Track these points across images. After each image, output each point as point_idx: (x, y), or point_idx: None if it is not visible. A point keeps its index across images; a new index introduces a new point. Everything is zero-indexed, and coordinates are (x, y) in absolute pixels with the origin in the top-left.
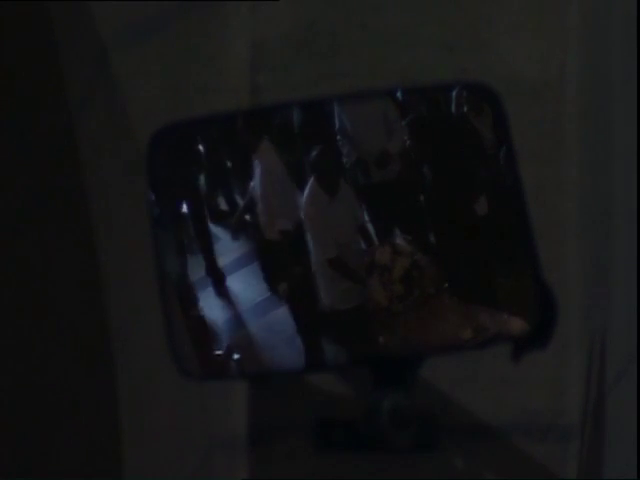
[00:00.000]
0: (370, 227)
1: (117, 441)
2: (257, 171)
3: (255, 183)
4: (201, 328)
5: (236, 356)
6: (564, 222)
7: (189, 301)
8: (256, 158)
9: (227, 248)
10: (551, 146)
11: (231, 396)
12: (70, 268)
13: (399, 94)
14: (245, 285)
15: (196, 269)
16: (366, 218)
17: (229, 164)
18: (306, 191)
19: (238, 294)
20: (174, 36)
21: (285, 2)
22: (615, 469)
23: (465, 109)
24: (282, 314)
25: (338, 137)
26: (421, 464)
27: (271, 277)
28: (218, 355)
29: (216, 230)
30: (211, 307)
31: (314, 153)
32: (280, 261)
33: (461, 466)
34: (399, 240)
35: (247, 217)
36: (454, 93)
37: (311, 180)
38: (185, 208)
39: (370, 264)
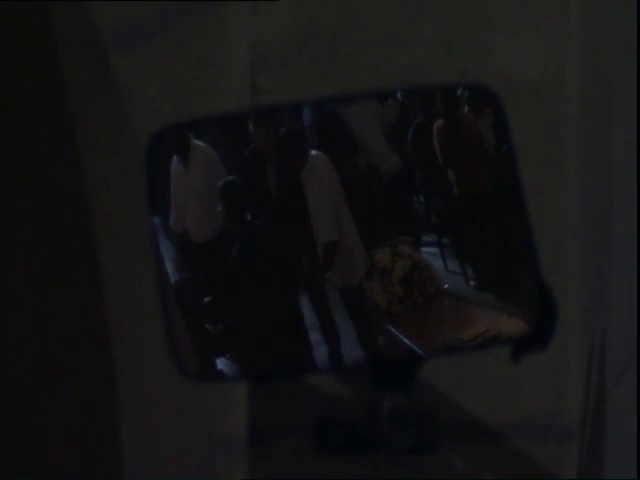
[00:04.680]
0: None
1: (117, 441)
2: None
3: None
4: (202, 329)
5: (235, 357)
6: (564, 223)
7: (191, 303)
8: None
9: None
10: (551, 146)
11: (231, 396)
12: (70, 268)
13: (399, 95)
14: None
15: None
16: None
17: (230, 164)
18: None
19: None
20: (174, 37)
21: (285, 3)
22: (615, 469)
23: (465, 110)
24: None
25: (345, 139)
26: (421, 464)
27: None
28: (218, 356)
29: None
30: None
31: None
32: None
33: (461, 466)
34: (399, 242)
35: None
36: (454, 94)
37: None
38: None
39: (370, 266)
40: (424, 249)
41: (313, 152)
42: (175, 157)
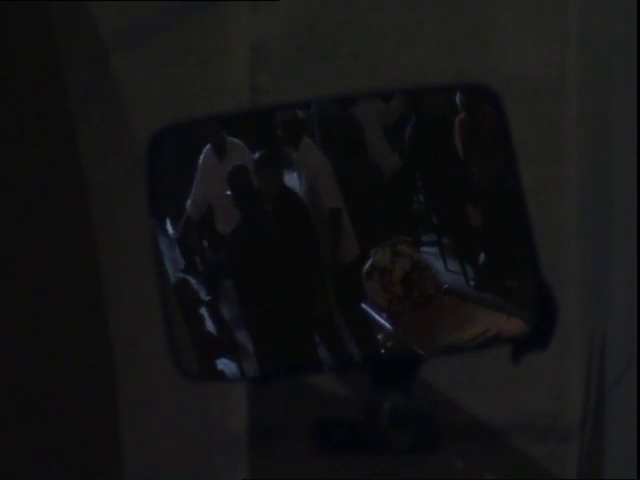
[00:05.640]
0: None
1: (117, 441)
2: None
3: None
4: (202, 329)
5: (235, 357)
6: (564, 222)
7: (191, 304)
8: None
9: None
10: (551, 146)
11: (231, 396)
12: (70, 268)
13: (399, 95)
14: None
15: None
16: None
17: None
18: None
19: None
20: (174, 37)
21: (285, 2)
22: (615, 469)
23: (465, 110)
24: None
25: (346, 139)
26: (421, 464)
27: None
28: (218, 356)
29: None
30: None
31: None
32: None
33: (461, 466)
34: (399, 242)
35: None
36: (454, 94)
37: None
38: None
39: (370, 266)
40: (424, 249)
41: (305, 139)
42: (209, 147)
